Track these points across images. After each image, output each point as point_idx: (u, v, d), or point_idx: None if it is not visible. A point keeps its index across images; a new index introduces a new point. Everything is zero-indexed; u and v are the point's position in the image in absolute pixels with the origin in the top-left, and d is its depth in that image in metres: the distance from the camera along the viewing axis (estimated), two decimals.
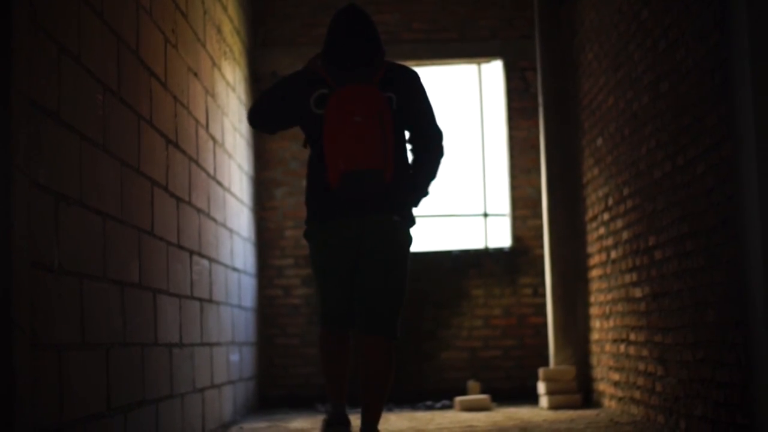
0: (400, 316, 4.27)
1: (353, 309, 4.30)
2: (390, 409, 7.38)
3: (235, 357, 6.72)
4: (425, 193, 4.28)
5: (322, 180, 4.19)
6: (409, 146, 4.32)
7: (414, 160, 4.29)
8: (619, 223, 6.27)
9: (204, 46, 5.95)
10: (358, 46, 4.24)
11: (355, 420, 4.40)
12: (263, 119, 4.44)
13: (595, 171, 6.91)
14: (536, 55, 7.92)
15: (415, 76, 4.30)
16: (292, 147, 8.39)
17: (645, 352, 5.70)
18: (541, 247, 8.12)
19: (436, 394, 8.02)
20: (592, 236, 7.13)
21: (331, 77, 4.20)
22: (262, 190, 8.32)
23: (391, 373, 4.20)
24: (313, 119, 4.20)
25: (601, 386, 6.98)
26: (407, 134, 4.33)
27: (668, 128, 5.10)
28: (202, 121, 5.77)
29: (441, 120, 4.44)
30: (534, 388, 7.81)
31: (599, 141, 6.76)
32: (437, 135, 4.30)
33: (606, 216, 6.65)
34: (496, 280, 8.25)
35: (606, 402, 6.85)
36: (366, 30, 4.27)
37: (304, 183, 8.32)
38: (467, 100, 8.58)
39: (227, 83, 6.83)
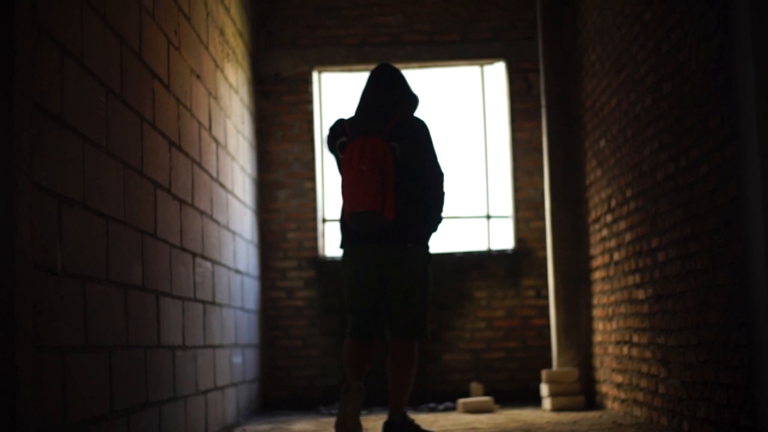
0: (425, 321, 4.97)
1: (377, 322, 5.01)
2: None
3: (238, 359, 6.72)
4: (433, 229, 5.00)
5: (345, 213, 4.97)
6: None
7: (422, 199, 4.95)
8: (622, 225, 6.27)
9: (207, 48, 5.95)
10: (375, 102, 5.01)
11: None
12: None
13: (598, 173, 6.90)
14: (539, 57, 7.91)
15: (419, 127, 4.94)
16: (295, 149, 8.39)
17: (648, 354, 5.69)
18: (544, 248, 8.12)
19: (439, 395, 8.01)
20: (595, 238, 7.12)
21: (350, 127, 4.95)
22: (265, 192, 8.33)
23: (411, 366, 4.93)
24: (338, 161, 5.00)
25: (604, 388, 6.98)
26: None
27: (671, 130, 5.09)
28: (205, 123, 5.77)
29: (443, 162, 5.07)
30: (537, 390, 7.80)
31: (602, 142, 6.75)
32: (437, 177, 4.94)
33: (609, 218, 6.64)
34: (499, 281, 8.24)
35: (609, 404, 6.84)
36: (386, 88, 5.04)
37: (306, 185, 8.38)
38: (470, 101, 8.58)
39: (230, 85, 6.83)
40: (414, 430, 4.95)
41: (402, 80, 5.09)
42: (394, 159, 4.83)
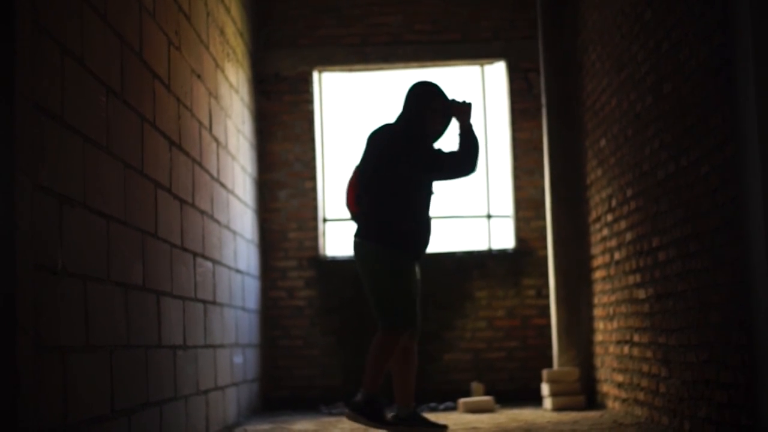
0: (390, 316, 5.02)
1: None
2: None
3: (238, 359, 6.73)
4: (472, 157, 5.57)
5: None
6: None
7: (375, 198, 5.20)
8: (623, 225, 6.26)
9: (207, 48, 5.95)
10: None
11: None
12: None
13: (599, 172, 6.90)
14: (539, 56, 7.91)
15: (384, 133, 5.19)
16: (296, 149, 8.39)
17: (649, 354, 5.69)
18: (545, 248, 8.12)
19: (439, 395, 8.01)
20: (595, 237, 7.12)
21: None
22: (266, 192, 8.33)
23: (374, 351, 5.04)
24: None
25: (605, 387, 6.98)
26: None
27: (672, 129, 5.09)
28: (206, 123, 5.77)
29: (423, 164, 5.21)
30: (538, 390, 7.80)
31: (602, 142, 6.75)
32: (378, 177, 5.14)
33: (609, 217, 6.64)
34: (500, 281, 8.24)
35: (610, 403, 6.84)
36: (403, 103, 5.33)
37: (307, 184, 8.38)
38: (470, 101, 8.56)
39: (230, 85, 6.83)
40: (373, 415, 5.05)
41: (409, 94, 5.29)
42: (364, 162, 5.18)
